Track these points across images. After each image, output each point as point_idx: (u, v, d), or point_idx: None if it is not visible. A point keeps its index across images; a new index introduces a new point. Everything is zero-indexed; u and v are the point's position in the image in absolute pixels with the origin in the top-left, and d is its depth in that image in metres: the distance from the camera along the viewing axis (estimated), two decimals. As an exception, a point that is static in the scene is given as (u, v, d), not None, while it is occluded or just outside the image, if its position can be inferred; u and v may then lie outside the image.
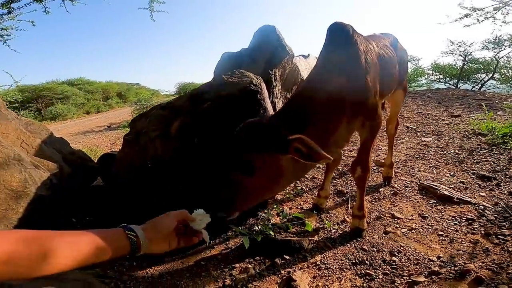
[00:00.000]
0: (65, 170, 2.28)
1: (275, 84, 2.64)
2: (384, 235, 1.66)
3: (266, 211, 1.82)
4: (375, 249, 1.54)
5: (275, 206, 2.04)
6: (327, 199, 2.04)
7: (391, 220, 1.79)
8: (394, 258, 1.47)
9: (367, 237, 1.65)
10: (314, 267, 1.48)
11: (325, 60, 1.38)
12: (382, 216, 1.83)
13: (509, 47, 7.96)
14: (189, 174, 1.72)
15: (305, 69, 3.46)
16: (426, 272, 1.34)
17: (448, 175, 2.28)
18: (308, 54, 4.07)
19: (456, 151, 2.70)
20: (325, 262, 1.50)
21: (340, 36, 1.41)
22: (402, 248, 1.53)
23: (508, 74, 7.62)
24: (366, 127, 1.53)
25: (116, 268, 1.62)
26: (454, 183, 2.14)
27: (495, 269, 1.30)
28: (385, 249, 1.53)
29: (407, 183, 2.21)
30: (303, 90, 1.34)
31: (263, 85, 1.91)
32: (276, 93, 2.69)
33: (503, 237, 1.51)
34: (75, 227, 2.01)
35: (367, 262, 1.47)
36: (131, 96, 17.36)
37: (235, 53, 4.11)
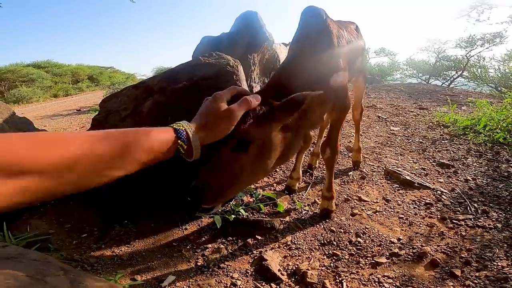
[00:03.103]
0: (27, 151, 2.15)
1: (253, 68, 2.63)
2: (351, 217, 1.74)
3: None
4: (342, 230, 1.62)
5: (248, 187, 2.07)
6: (299, 181, 2.08)
7: (358, 202, 1.88)
8: (359, 239, 1.54)
9: (335, 219, 1.72)
10: (285, 247, 1.53)
11: (299, 44, 1.38)
12: (350, 199, 1.92)
13: (481, 47, 8.45)
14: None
15: (285, 56, 3.48)
16: (388, 254, 1.42)
17: (412, 161, 2.42)
18: (289, 43, 4.08)
19: (421, 140, 2.87)
20: (296, 243, 1.55)
21: (313, 19, 1.42)
22: (366, 229, 1.61)
23: (476, 73, 8.09)
24: (336, 109, 1.56)
25: (82, 251, 1.57)
26: (416, 169, 2.28)
27: (449, 252, 1.40)
28: (352, 231, 1.61)
29: (374, 168, 2.32)
30: (281, 73, 1.30)
31: (240, 68, 1.89)
32: (254, 77, 2.69)
33: (457, 221, 1.62)
34: (38, 210, 1.92)
35: (335, 242, 1.53)
36: (104, 80, 16.52)
37: (215, 37, 4.03)
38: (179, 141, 0.61)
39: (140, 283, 1.34)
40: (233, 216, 1.62)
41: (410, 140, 2.87)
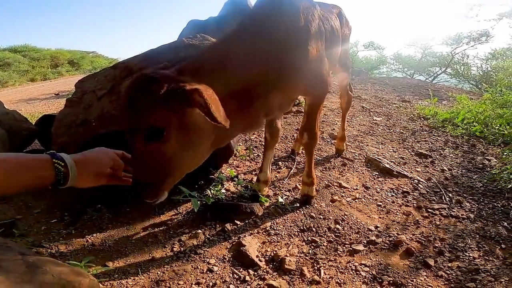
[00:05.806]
0: (-5, 132, 2.03)
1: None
2: (330, 203, 1.74)
3: (217, 173, 1.80)
4: (321, 217, 1.62)
5: (228, 170, 2.03)
6: (268, 184, 1.80)
7: (338, 189, 1.89)
8: (338, 226, 1.55)
9: (316, 205, 1.72)
10: (264, 233, 1.51)
11: (254, 16, 1.18)
12: (331, 185, 1.92)
13: (467, 44, 8.64)
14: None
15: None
16: (365, 241, 1.44)
17: (392, 150, 2.47)
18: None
19: (401, 130, 2.92)
20: (275, 228, 1.54)
21: None
22: (345, 216, 1.62)
23: (459, 70, 8.29)
24: (309, 94, 1.48)
25: (51, 237, 1.50)
26: (396, 158, 2.32)
27: (423, 241, 1.43)
28: (331, 217, 1.61)
29: (356, 156, 2.34)
30: (222, 39, 1.11)
31: (223, 50, 1.83)
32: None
33: (432, 210, 1.66)
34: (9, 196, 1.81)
35: (314, 229, 1.53)
36: (85, 65, 15.77)
37: (202, 20, 3.91)
38: (54, 159, 0.68)
39: (112, 269, 1.29)
40: (212, 200, 1.58)
41: (391, 130, 2.92)
